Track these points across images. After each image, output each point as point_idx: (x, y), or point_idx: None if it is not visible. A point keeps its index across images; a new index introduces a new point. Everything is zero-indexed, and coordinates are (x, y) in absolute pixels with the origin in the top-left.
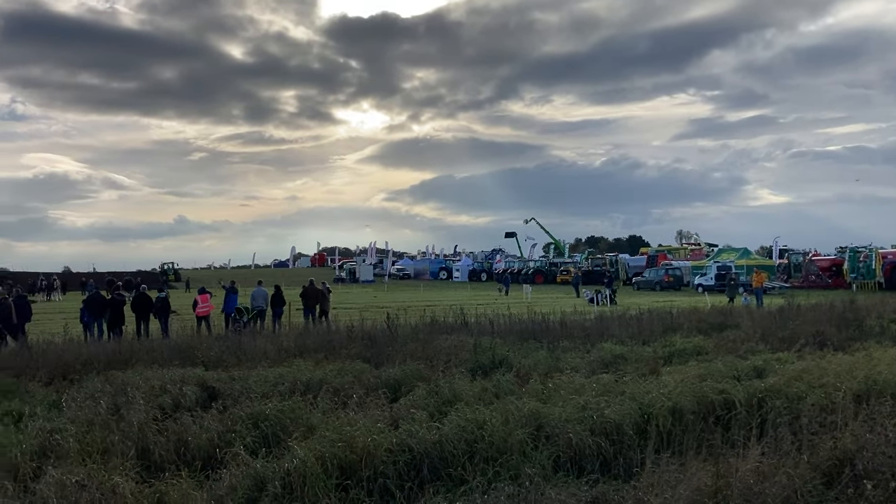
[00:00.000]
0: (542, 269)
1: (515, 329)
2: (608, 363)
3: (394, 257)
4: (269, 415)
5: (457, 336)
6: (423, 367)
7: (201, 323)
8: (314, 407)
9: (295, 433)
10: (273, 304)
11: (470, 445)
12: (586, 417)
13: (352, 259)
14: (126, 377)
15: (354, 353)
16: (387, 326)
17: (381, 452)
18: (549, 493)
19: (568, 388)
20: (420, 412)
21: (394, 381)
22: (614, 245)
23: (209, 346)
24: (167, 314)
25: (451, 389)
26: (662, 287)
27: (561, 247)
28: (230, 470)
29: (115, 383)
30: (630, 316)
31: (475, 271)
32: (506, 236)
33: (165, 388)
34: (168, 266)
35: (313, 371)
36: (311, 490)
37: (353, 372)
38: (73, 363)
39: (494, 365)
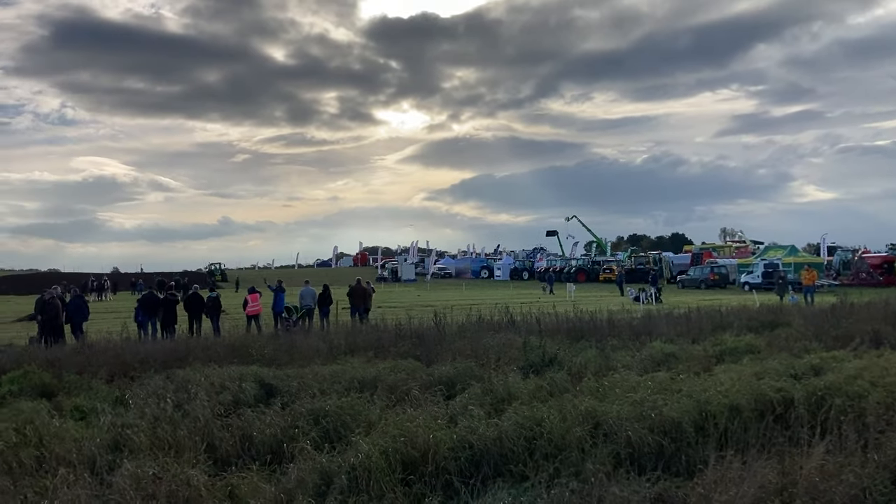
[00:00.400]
0: (584, 267)
1: (563, 327)
2: (659, 361)
3: (435, 256)
4: (330, 411)
5: (504, 334)
6: (474, 365)
7: (251, 322)
8: (372, 404)
9: (356, 429)
10: (320, 302)
11: (529, 442)
12: (644, 415)
13: (393, 258)
14: (187, 374)
15: (404, 352)
16: (434, 325)
17: (442, 448)
18: (613, 489)
19: (622, 386)
20: (478, 409)
21: (446, 378)
22: (657, 243)
23: (263, 345)
24: (218, 313)
25: (506, 387)
26: (708, 285)
27: (603, 245)
28: (297, 464)
29: (176, 380)
30: (678, 314)
31: (517, 270)
32: (547, 235)
33: (225, 384)
34: (215, 266)
35: (367, 369)
36: (377, 484)
37: (405, 370)
38: (131, 361)
39: (544, 363)
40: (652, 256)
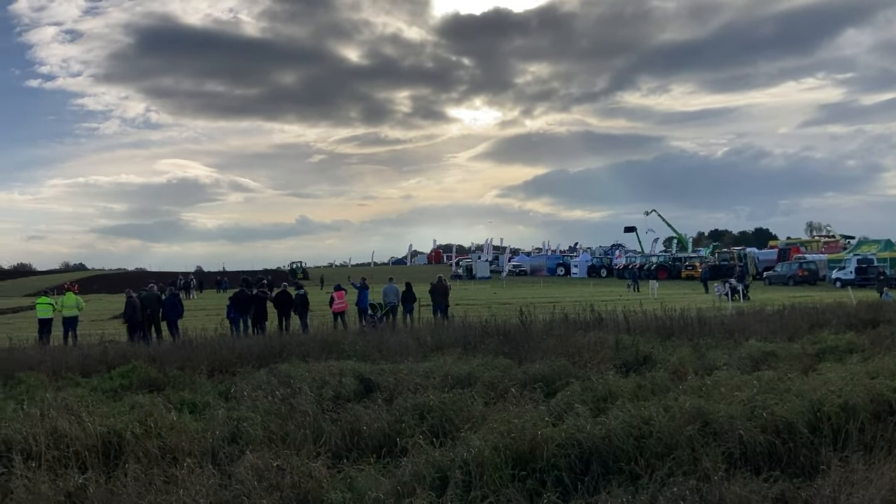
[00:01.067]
0: (665, 264)
1: (651, 325)
2: (758, 360)
3: (509, 254)
4: (434, 406)
5: (594, 332)
6: (567, 363)
7: (338, 318)
8: (473, 400)
9: (460, 424)
10: (404, 300)
11: (637, 441)
12: (755, 414)
13: (467, 256)
14: (288, 369)
15: (492, 349)
16: (520, 322)
17: (550, 445)
18: (734, 488)
19: (727, 384)
20: (583, 407)
21: (541, 376)
22: (739, 238)
23: (353, 341)
24: (306, 310)
25: (606, 385)
26: (796, 282)
27: (684, 241)
28: (411, 458)
29: (278, 375)
30: (769, 312)
31: (594, 267)
32: (625, 231)
33: (325, 379)
34: (297, 265)
35: (460, 365)
36: (490, 479)
37: (498, 367)
38: (228, 357)
39: (638, 362)
40: (736, 252)
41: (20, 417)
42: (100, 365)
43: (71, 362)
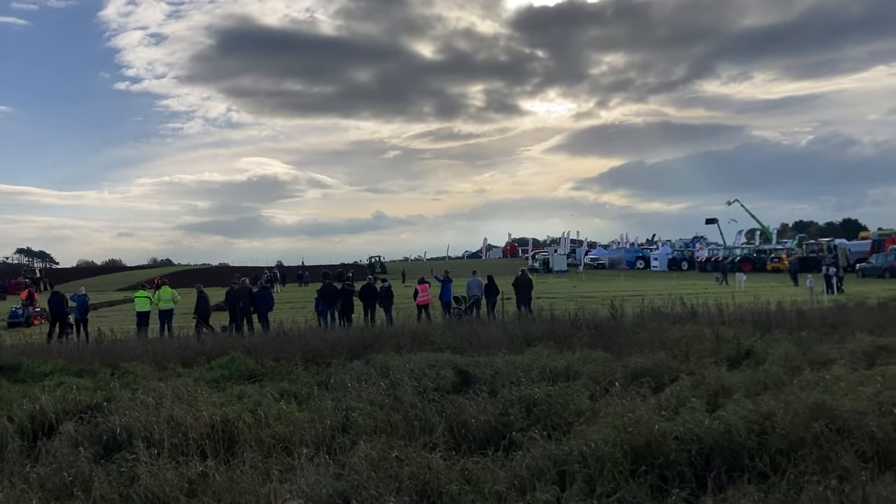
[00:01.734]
0: (749, 256)
1: (747, 318)
2: (871, 355)
3: (587, 247)
4: (540, 399)
5: (689, 326)
6: (667, 356)
7: (422, 311)
8: (578, 394)
9: (568, 418)
10: (487, 292)
11: (759, 437)
12: (883, 411)
13: (543, 249)
14: (386, 360)
15: (585, 342)
16: (611, 316)
17: (669, 440)
18: (879, 490)
19: (847, 379)
20: (699, 402)
21: (643, 370)
22: (826, 229)
23: (444, 333)
24: (391, 303)
25: (718, 380)
26: (892, 274)
27: (768, 232)
28: (526, 451)
29: (375, 366)
30: (871, 304)
31: (675, 260)
32: (706, 223)
33: (423, 371)
34: (375, 259)
35: (557, 359)
36: (610, 474)
37: (595, 360)
38: (321, 348)
39: (740, 356)
40: (825, 244)
41: (137, 406)
42: (199, 356)
43: (171, 353)
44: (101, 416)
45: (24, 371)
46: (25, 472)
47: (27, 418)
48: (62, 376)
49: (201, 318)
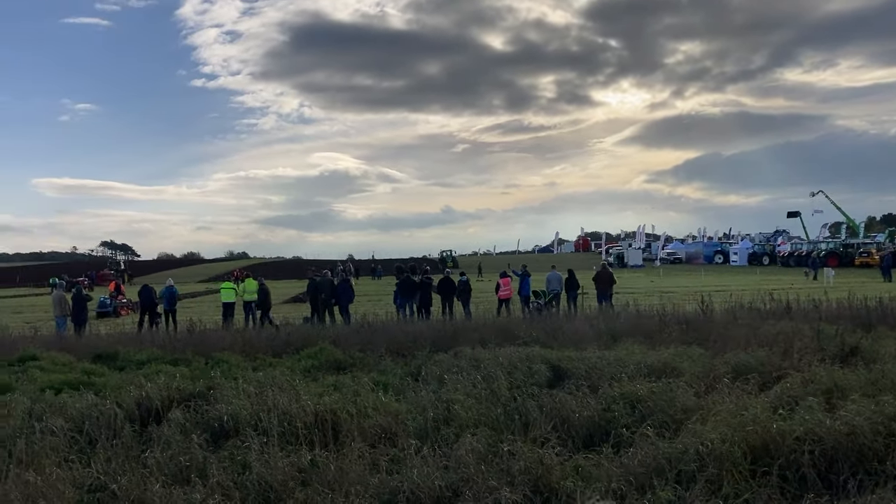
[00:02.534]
0: (835, 251)
1: (845, 315)
2: None
3: (663, 241)
4: (643, 396)
5: (784, 322)
6: (768, 353)
7: (502, 305)
8: (683, 390)
9: (674, 415)
10: (568, 287)
11: (886, 440)
12: None
13: (617, 244)
14: (476, 353)
15: (675, 338)
16: (701, 311)
17: (789, 440)
18: None
19: None
20: (815, 400)
21: (745, 367)
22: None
23: (528, 327)
24: (469, 296)
25: (831, 378)
26: None
27: (855, 226)
28: (639, 448)
29: (465, 358)
30: None
31: (755, 254)
32: (788, 216)
33: (515, 365)
34: (446, 253)
35: (650, 355)
36: (729, 473)
37: (691, 357)
38: (403, 340)
39: (845, 353)
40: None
41: (241, 395)
42: (286, 346)
43: (258, 343)
44: (208, 405)
45: (121, 359)
46: (144, 457)
47: (134, 405)
48: (158, 364)
49: (262, 311)
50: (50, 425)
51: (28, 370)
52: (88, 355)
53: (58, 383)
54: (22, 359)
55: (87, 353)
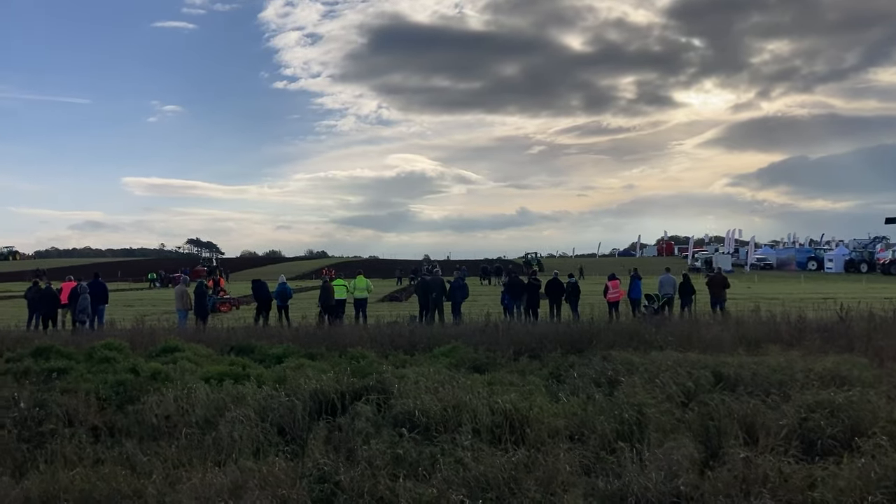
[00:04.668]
0: None
1: None
2: None
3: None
4: (841, 405)
5: None
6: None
7: (612, 308)
8: (879, 398)
9: (883, 426)
10: (682, 291)
11: None
12: None
13: (703, 248)
14: (627, 357)
15: (818, 346)
16: (840, 318)
17: None
18: None
19: None
20: None
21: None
22: None
23: (657, 331)
24: (577, 298)
25: None
26: None
27: None
28: (872, 458)
29: (613, 361)
30: None
31: (852, 261)
32: (886, 222)
33: (675, 370)
34: (531, 255)
35: (811, 361)
36: None
37: (855, 365)
38: (528, 341)
39: None
40: None
41: (420, 390)
42: (412, 345)
43: (383, 339)
44: (388, 399)
45: (257, 352)
46: (356, 450)
47: (308, 397)
48: (297, 358)
49: (324, 309)
50: (238, 415)
51: (178, 361)
52: (225, 347)
53: (215, 374)
54: (165, 350)
55: (222, 346)
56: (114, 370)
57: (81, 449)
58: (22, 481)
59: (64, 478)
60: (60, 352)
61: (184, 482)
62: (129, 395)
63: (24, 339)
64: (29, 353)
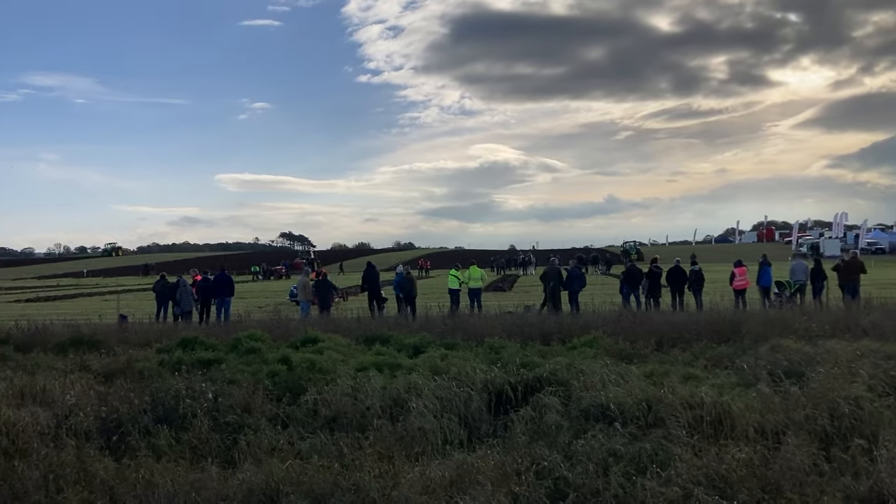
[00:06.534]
0: None
1: None
2: None
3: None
4: None
5: None
6: None
7: (739, 296)
8: None
9: None
10: (814, 277)
11: None
12: None
13: (807, 233)
14: (796, 346)
15: None
16: None
17: None
18: None
19: None
20: None
21: None
22: None
23: (807, 320)
24: (701, 286)
25: None
26: None
27: None
28: None
29: (785, 351)
30: None
31: None
32: None
33: (877, 363)
34: (630, 244)
35: None
36: None
37: None
38: (665, 331)
39: None
40: None
41: (605, 382)
42: (544, 335)
43: (513, 329)
44: (566, 391)
45: (393, 342)
46: (557, 444)
47: (481, 387)
48: (436, 348)
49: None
50: (419, 406)
51: (324, 351)
52: (359, 337)
53: (369, 364)
54: (305, 341)
55: (356, 336)
56: (263, 360)
57: (275, 440)
58: (235, 473)
59: (279, 470)
60: (204, 343)
61: (399, 476)
62: (288, 386)
63: (168, 331)
64: (176, 344)
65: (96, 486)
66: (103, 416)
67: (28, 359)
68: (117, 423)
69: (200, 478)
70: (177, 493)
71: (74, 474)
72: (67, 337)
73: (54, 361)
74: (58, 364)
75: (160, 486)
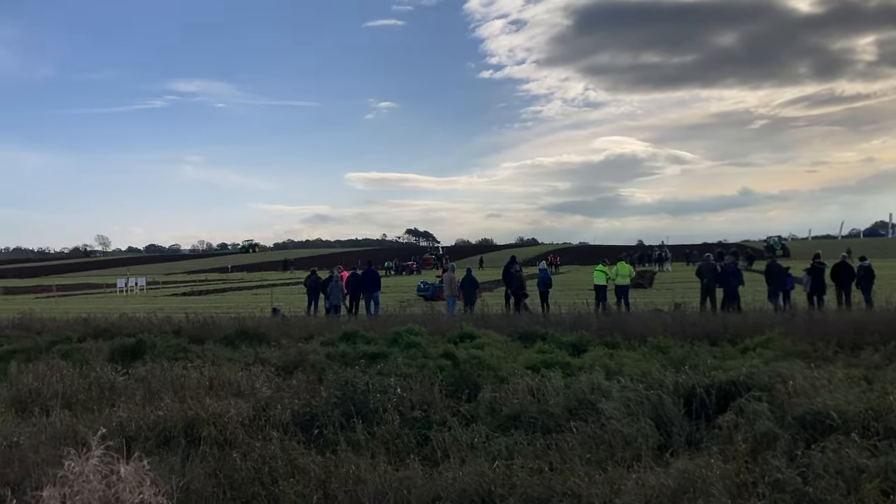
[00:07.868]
0: None
1: None
2: None
3: None
4: None
5: None
6: None
7: None
8: None
9: None
10: None
11: None
12: None
13: None
14: None
15: None
16: None
17: None
18: None
19: None
20: None
21: None
22: None
23: None
24: (870, 283)
25: None
26: None
27: None
28: None
29: None
30: None
31: None
32: None
33: None
34: (774, 239)
35: None
36: None
37: None
38: (846, 332)
39: None
40: None
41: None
42: (707, 334)
43: (673, 328)
44: (782, 396)
45: (549, 339)
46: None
47: (671, 390)
48: (599, 347)
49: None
50: (609, 408)
51: (485, 347)
52: (514, 334)
53: (536, 362)
54: (462, 336)
55: (510, 332)
56: (424, 355)
57: (470, 438)
58: (440, 471)
59: (488, 471)
60: (365, 336)
61: (614, 482)
62: (458, 383)
63: (325, 325)
64: (338, 337)
65: (310, 479)
66: (296, 408)
67: (205, 350)
68: (311, 416)
69: (408, 475)
70: (385, 490)
71: (284, 467)
72: (233, 330)
73: (227, 353)
74: (232, 356)
75: (369, 482)
